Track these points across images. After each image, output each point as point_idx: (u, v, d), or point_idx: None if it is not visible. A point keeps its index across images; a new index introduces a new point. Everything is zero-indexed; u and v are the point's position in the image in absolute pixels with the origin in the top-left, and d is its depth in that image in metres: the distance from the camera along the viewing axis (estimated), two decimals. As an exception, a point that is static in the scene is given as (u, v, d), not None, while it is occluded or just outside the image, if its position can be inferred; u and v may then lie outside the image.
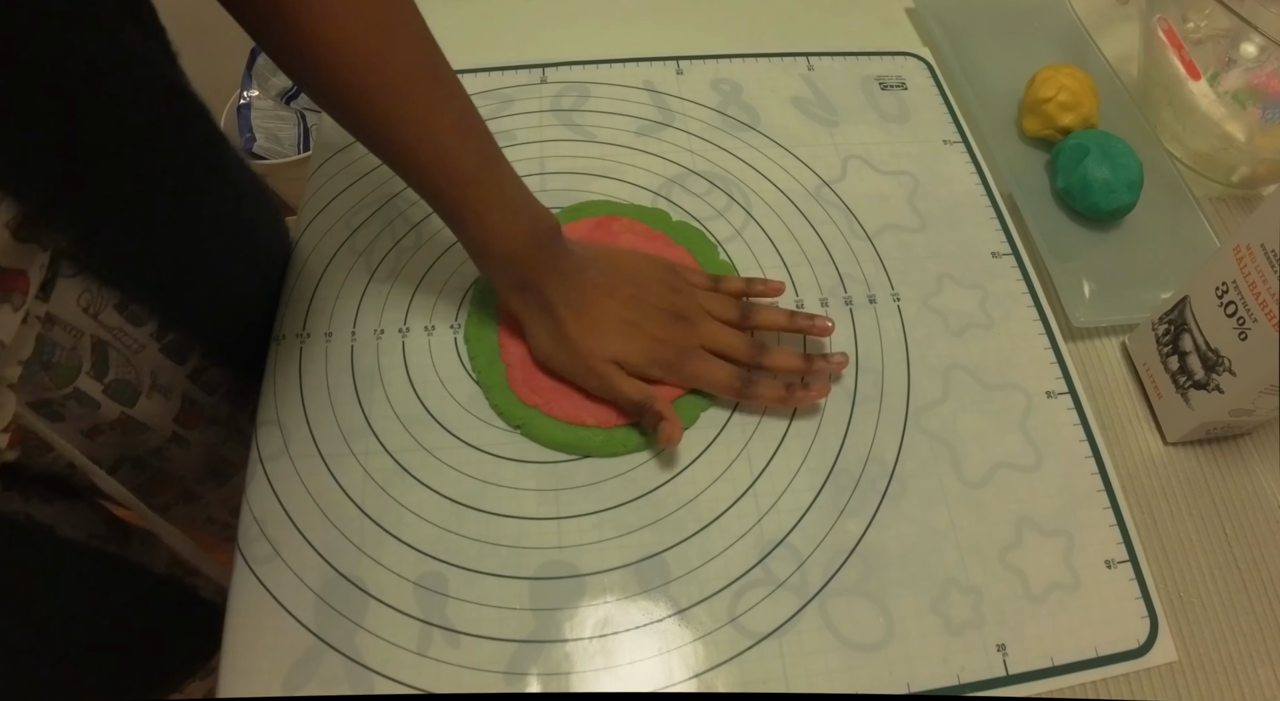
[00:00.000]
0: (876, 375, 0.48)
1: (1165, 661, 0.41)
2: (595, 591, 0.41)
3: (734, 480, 0.44)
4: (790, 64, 0.62)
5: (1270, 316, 0.41)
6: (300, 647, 0.38)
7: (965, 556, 0.43)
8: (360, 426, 0.44)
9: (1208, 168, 0.61)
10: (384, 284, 0.49)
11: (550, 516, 0.42)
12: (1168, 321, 0.48)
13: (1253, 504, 0.47)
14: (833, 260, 0.52)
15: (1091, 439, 0.47)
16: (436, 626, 0.39)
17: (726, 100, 0.59)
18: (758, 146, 0.57)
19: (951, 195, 0.56)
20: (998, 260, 0.54)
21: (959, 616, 0.41)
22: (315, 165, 0.55)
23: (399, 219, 0.52)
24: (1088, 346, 0.52)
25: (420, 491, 0.43)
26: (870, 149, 0.58)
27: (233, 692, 0.38)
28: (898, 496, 0.44)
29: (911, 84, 0.62)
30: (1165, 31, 0.59)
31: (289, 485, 0.42)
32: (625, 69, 0.60)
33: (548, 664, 0.39)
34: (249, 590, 0.40)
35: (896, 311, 0.51)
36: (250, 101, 1.29)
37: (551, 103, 0.58)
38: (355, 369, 0.46)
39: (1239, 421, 0.47)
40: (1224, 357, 0.44)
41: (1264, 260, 0.41)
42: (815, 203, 0.55)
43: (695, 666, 0.39)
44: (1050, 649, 0.41)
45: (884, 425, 0.47)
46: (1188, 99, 0.59)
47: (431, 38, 0.39)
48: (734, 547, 0.42)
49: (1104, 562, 0.43)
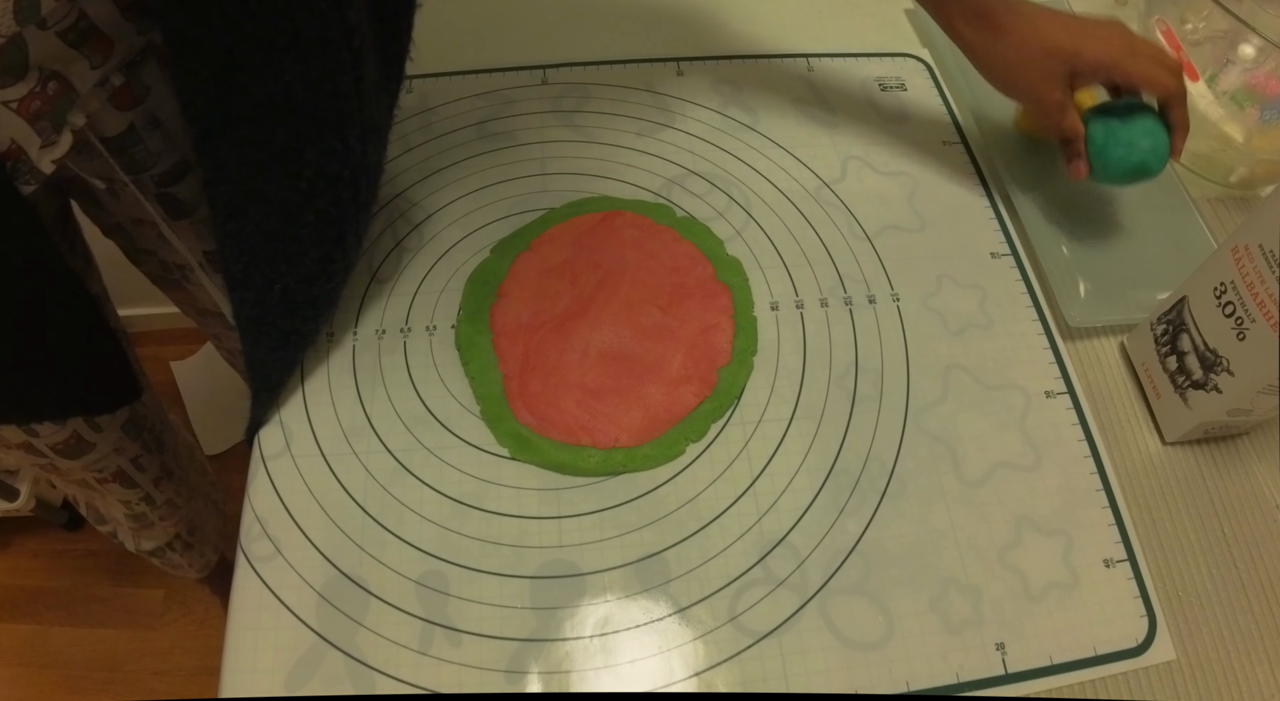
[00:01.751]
0: (876, 375, 0.48)
1: (1163, 660, 0.42)
2: (596, 590, 0.41)
3: (734, 480, 0.44)
4: (790, 65, 0.62)
5: (1268, 317, 0.41)
6: (302, 646, 0.39)
7: (964, 555, 0.43)
8: (362, 426, 0.44)
9: (1206, 168, 0.61)
10: (386, 284, 0.49)
11: (551, 515, 0.43)
12: (1166, 321, 0.48)
13: (1251, 503, 0.47)
14: (832, 260, 0.53)
15: (1090, 439, 0.47)
16: (438, 625, 0.40)
17: (727, 101, 0.60)
18: (758, 147, 0.57)
19: (951, 196, 0.57)
20: (997, 260, 0.54)
21: (958, 615, 0.42)
22: (317, 166, 0.55)
23: (400, 219, 0.52)
24: (1087, 346, 0.52)
25: (421, 490, 0.43)
26: (870, 150, 0.58)
27: (234, 691, 0.38)
28: (897, 496, 0.45)
29: (911, 85, 0.62)
30: (1163, 33, 0.59)
31: (291, 484, 0.43)
32: (626, 70, 0.61)
33: (548, 662, 0.39)
34: (251, 589, 0.40)
35: (896, 311, 0.51)
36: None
37: (552, 104, 0.58)
38: (357, 368, 0.46)
39: (1237, 421, 0.47)
40: (1222, 358, 0.44)
41: (1262, 261, 0.41)
42: (815, 203, 0.55)
43: (695, 665, 0.39)
44: (1049, 647, 0.41)
45: (883, 425, 0.47)
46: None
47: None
48: (734, 547, 0.42)
49: (1102, 562, 0.44)
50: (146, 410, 0.63)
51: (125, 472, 0.65)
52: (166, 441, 0.69)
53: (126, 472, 0.65)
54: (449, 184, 0.53)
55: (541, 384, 0.46)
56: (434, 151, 0.54)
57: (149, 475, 0.68)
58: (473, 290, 0.49)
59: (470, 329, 0.48)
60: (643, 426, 0.45)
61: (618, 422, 0.45)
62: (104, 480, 0.64)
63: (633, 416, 0.45)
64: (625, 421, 0.45)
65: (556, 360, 0.46)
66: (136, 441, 0.63)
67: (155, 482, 0.69)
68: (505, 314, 0.48)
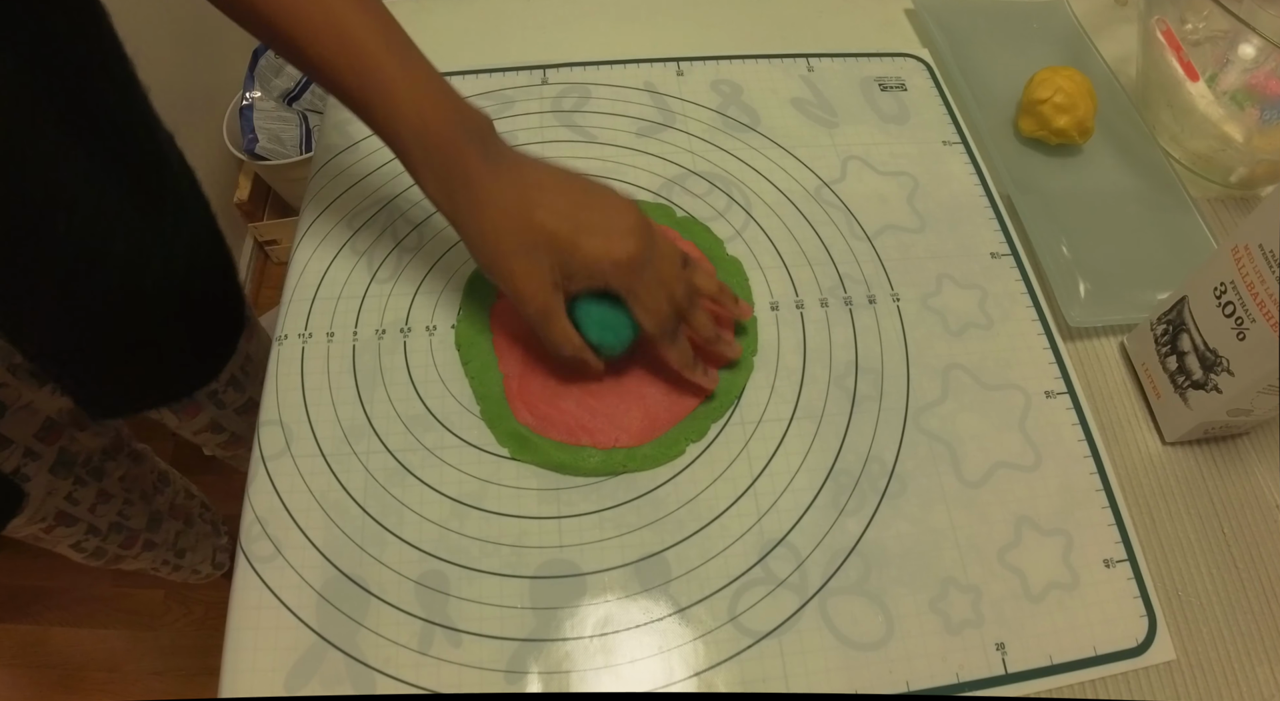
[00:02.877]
0: (876, 375, 0.48)
1: (1163, 660, 0.42)
2: (596, 590, 0.41)
3: (734, 480, 0.44)
4: (790, 65, 0.62)
5: (1268, 317, 0.41)
6: (302, 646, 0.39)
7: (964, 555, 0.43)
8: (362, 426, 0.44)
9: (1206, 168, 0.61)
10: (386, 284, 0.49)
11: (551, 515, 0.43)
12: (1166, 321, 0.48)
13: (1251, 503, 0.47)
14: (832, 260, 0.53)
15: (1090, 438, 0.47)
16: (438, 625, 0.40)
17: (727, 101, 0.60)
18: (758, 147, 0.57)
19: (951, 196, 0.57)
20: (997, 261, 0.54)
21: (958, 615, 0.42)
22: (317, 166, 0.55)
23: (400, 219, 0.52)
24: (1087, 346, 0.52)
25: (421, 490, 0.43)
26: (870, 150, 0.58)
27: (234, 691, 0.38)
28: (897, 496, 0.45)
29: (911, 85, 0.62)
30: (1164, 33, 0.59)
31: (291, 484, 0.43)
32: (626, 70, 0.61)
33: (548, 662, 0.39)
34: (251, 589, 0.40)
35: (896, 311, 0.51)
36: (253, 103, 1.29)
37: (552, 104, 0.58)
38: (357, 369, 0.46)
39: (1237, 421, 0.47)
40: (1222, 358, 0.44)
41: (1262, 261, 0.41)
42: (815, 203, 0.55)
43: (695, 665, 0.39)
44: (1049, 647, 0.41)
45: (883, 425, 0.47)
46: (1186, 100, 0.59)
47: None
48: (734, 547, 0.42)
49: (1102, 562, 0.44)
50: (77, 449, 0.62)
51: (64, 512, 0.63)
52: (107, 468, 0.67)
53: (65, 511, 0.63)
54: (449, 184, 0.53)
55: (541, 384, 0.46)
56: (434, 151, 0.54)
57: (83, 506, 0.65)
58: (473, 290, 0.49)
59: (470, 329, 0.48)
60: (643, 426, 0.45)
61: (618, 423, 0.45)
62: (49, 527, 0.62)
63: (633, 416, 0.45)
64: (625, 421, 0.45)
65: (556, 360, 0.46)
66: (66, 480, 0.61)
67: (91, 510, 0.67)
68: (505, 314, 0.48)
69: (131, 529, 0.74)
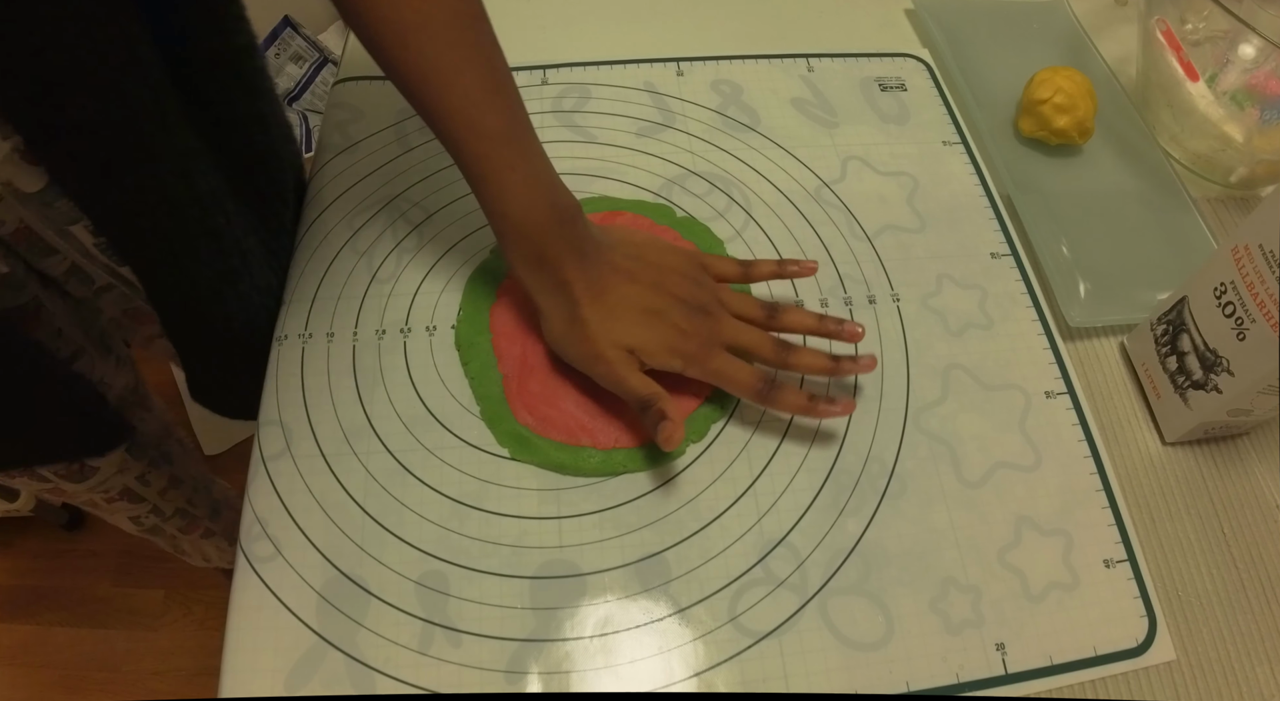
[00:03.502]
0: (876, 375, 0.48)
1: (1163, 660, 0.42)
2: (596, 590, 0.41)
3: (734, 480, 0.44)
4: (790, 65, 0.62)
5: (1268, 317, 0.41)
6: (302, 646, 0.39)
7: (964, 556, 0.43)
8: (362, 426, 0.44)
9: (1206, 169, 0.61)
10: (386, 284, 0.49)
11: (551, 516, 0.43)
12: (1166, 322, 0.48)
13: (1251, 504, 0.47)
14: (832, 261, 0.53)
15: (1090, 439, 0.47)
16: (438, 625, 0.40)
17: (727, 101, 0.60)
18: (758, 147, 0.57)
19: (951, 196, 0.57)
20: (997, 261, 0.54)
21: (958, 615, 0.42)
22: (317, 166, 0.55)
23: (401, 220, 0.52)
24: (1087, 346, 0.52)
25: (422, 491, 0.43)
26: (870, 150, 0.58)
27: (234, 691, 0.38)
28: (897, 496, 0.45)
29: (911, 85, 0.62)
30: (1164, 33, 0.59)
31: (291, 484, 0.43)
32: (626, 70, 0.61)
33: (548, 663, 0.39)
34: (251, 589, 0.40)
35: (896, 312, 0.51)
36: (252, 103, 1.29)
37: (552, 104, 0.58)
38: (357, 369, 0.46)
39: (1237, 421, 0.47)
40: (1222, 358, 0.44)
41: (1262, 261, 0.41)
42: (815, 203, 0.55)
43: (695, 665, 0.39)
44: (1049, 648, 0.41)
45: (883, 425, 0.47)
46: (1186, 100, 0.59)
47: None
48: (734, 547, 0.42)
49: (1102, 562, 0.44)
50: (148, 431, 0.63)
51: (131, 490, 0.65)
52: (174, 453, 0.69)
53: (133, 489, 0.65)
54: (449, 184, 0.53)
55: (541, 384, 0.46)
56: (434, 151, 0.54)
57: (154, 488, 0.68)
58: (473, 290, 0.49)
59: (470, 329, 0.48)
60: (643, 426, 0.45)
61: (618, 423, 0.45)
62: (111, 499, 0.64)
63: (632, 416, 0.45)
64: (625, 421, 0.45)
65: (556, 360, 0.46)
66: (141, 461, 0.63)
67: (161, 494, 0.69)
68: (505, 314, 0.48)
69: (195, 515, 0.76)
